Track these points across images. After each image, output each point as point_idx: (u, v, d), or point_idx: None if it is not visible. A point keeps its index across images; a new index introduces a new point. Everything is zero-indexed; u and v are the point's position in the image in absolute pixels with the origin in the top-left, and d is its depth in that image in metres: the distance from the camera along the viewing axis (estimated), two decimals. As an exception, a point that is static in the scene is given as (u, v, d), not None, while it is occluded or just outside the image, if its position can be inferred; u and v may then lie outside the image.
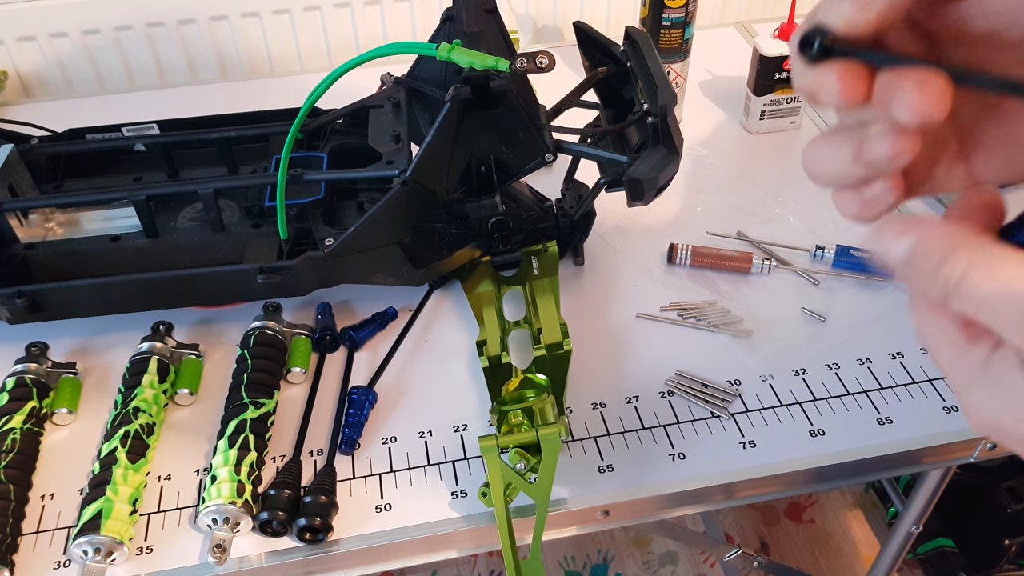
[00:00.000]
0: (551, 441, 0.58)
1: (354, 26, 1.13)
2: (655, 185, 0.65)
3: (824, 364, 0.71)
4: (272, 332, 0.70)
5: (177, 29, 1.09)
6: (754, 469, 0.64)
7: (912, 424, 0.66)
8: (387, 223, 0.70)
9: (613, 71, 0.76)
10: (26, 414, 0.65)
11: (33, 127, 0.86)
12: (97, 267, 0.73)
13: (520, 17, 1.17)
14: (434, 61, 0.68)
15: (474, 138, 0.70)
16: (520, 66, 0.64)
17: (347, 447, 0.65)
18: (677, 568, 1.47)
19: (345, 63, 0.66)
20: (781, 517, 1.53)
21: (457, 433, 0.67)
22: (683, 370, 0.70)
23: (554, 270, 0.75)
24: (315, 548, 0.59)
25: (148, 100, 1.07)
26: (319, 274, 0.70)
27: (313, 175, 0.72)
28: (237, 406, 0.64)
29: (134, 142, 0.82)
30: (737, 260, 0.79)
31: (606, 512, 0.63)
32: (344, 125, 0.82)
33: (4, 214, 0.72)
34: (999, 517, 1.23)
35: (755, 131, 0.98)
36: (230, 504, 0.58)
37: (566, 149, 0.72)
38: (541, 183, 0.81)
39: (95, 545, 0.57)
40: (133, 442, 0.62)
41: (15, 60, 1.08)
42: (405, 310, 0.76)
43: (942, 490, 0.81)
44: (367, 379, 0.70)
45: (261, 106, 0.85)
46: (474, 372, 0.71)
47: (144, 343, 0.69)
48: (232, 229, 0.76)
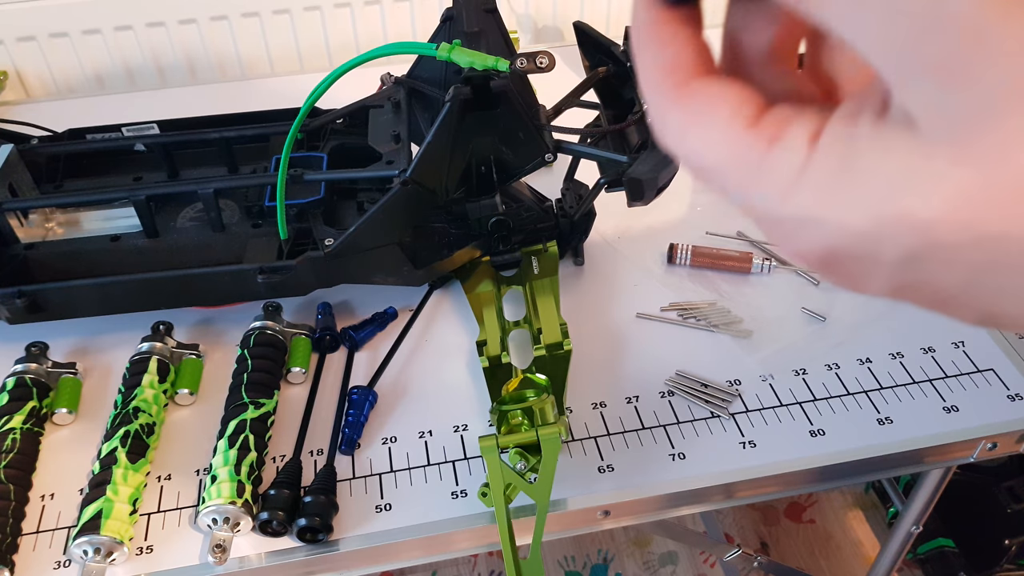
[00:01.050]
0: (551, 441, 0.58)
1: (354, 26, 1.13)
2: (655, 185, 0.65)
3: (824, 364, 0.71)
4: (272, 332, 0.70)
5: (177, 29, 1.09)
6: (754, 469, 0.64)
7: (912, 424, 0.66)
8: (387, 223, 0.70)
9: (613, 71, 0.76)
10: (26, 414, 0.65)
11: (33, 127, 0.86)
12: (97, 267, 0.73)
13: (520, 17, 1.17)
14: (434, 61, 0.68)
15: (474, 138, 0.70)
16: (520, 66, 0.64)
17: (347, 447, 0.65)
18: (677, 568, 1.47)
19: (345, 63, 0.66)
20: (781, 517, 1.53)
21: (457, 433, 0.67)
22: (683, 370, 0.70)
23: (554, 270, 0.75)
24: (315, 548, 0.59)
25: (148, 100, 1.07)
26: (319, 274, 0.70)
27: (313, 175, 0.72)
28: (237, 406, 0.64)
29: (134, 142, 0.82)
30: (737, 260, 0.79)
31: (606, 512, 0.63)
32: (344, 125, 0.82)
33: (4, 214, 0.72)
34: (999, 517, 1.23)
35: (755, 131, 0.98)
36: (230, 504, 0.58)
37: (566, 149, 0.72)
38: (541, 183, 0.81)
39: (95, 545, 0.57)
40: (133, 442, 0.62)
41: (15, 60, 1.08)
42: (405, 310, 0.76)
43: (942, 490, 0.81)
44: (367, 379, 0.70)
45: (261, 106, 0.85)
46: (474, 372, 0.71)
47: (144, 343, 0.69)
48: (232, 229, 0.76)
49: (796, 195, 0.20)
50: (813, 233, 0.20)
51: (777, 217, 0.20)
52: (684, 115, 0.22)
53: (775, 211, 0.20)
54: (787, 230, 0.21)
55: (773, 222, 0.21)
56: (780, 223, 0.21)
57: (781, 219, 0.20)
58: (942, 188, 0.17)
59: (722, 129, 0.21)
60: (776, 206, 0.20)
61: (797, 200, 0.20)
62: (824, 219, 0.19)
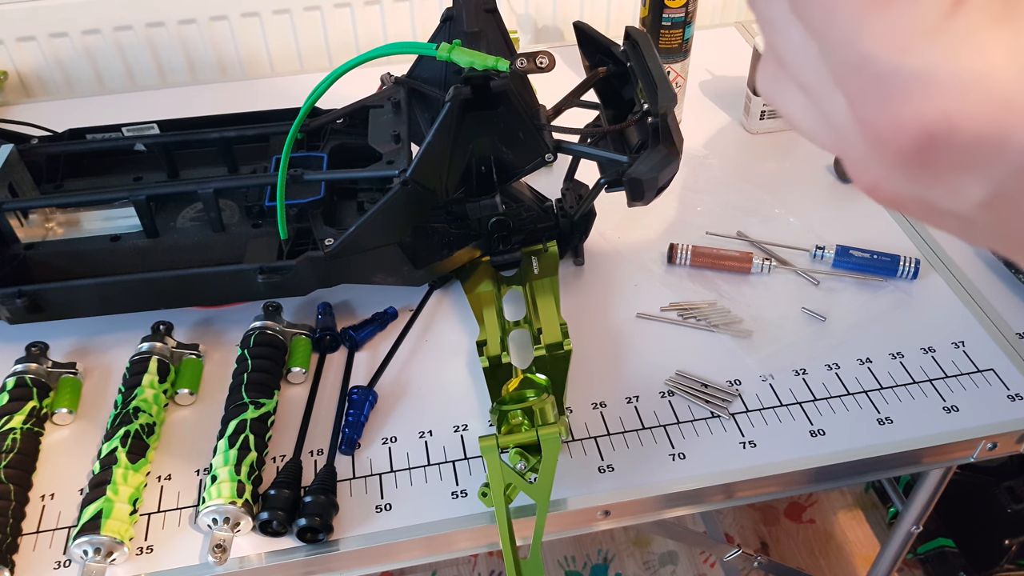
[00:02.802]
0: (551, 441, 0.58)
1: (354, 26, 1.13)
2: (655, 185, 0.65)
3: (824, 364, 0.71)
4: (272, 332, 0.70)
5: (177, 29, 1.09)
6: (754, 469, 0.64)
7: (912, 424, 0.66)
8: (387, 223, 0.70)
9: (613, 71, 0.76)
10: (26, 414, 0.65)
11: (33, 127, 0.86)
12: (97, 267, 0.73)
13: (520, 17, 1.17)
14: (434, 61, 0.68)
15: (474, 138, 0.70)
16: (520, 66, 0.64)
17: (347, 447, 0.65)
18: (677, 568, 1.47)
19: (345, 63, 0.66)
20: (781, 517, 1.53)
21: (457, 433, 0.67)
22: (683, 370, 0.70)
23: (554, 270, 0.75)
24: (315, 548, 0.59)
25: (148, 100, 1.07)
26: (319, 274, 0.70)
27: (313, 175, 0.72)
28: (237, 406, 0.64)
29: (134, 142, 0.82)
30: (737, 260, 0.79)
31: (606, 512, 0.63)
32: (344, 125, 0.82)
33: (4, 214, 0.72)
34: (999, 517, 1.23)
35: (755, 131, 0.98)
36: (230, 504, 0.58)
37: (566, 149, 0.72)
38: (541, 183, 0.81)
39: (95, 545, 0.57)
40: (133, 442, 0.62)
41: (15, 60, 1.08)
42: (405, 310, 0.76)
43: (942, 490, 0.81)
44: (367, 379, 0.70)
45: (261, 106, 0.85)
46: (474, 372, 0.71)
47: (144, 343, 0.69)
48: (232, 229, 0.76)
49: (933, 41, 0.15)
50: (937, 98, 0.16)
51: (893, 67, 0.16)
52: None
53: (894, 58, 0.16)
54: (896, 87, 0.16)
55: (877, 74, 0.16)
56: (890, 76, 0.16)
57: (898, 70, 0.16)
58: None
59: None
60: (898, 53, 0.16)
61: (934, 48, 0.15)
62: (960, 80, 0.15)
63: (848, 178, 0.89)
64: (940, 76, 0.15)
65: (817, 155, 0.94)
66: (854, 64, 0.16)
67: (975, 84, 0.15)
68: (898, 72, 0.16)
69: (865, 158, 0.18)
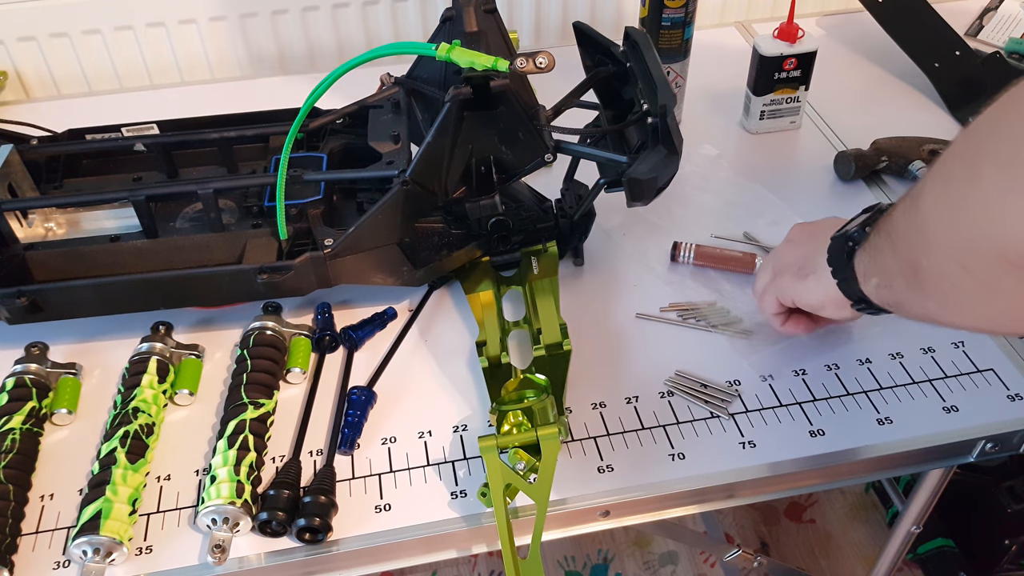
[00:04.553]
0: (551, 441, 0.58)
1: (355, 26, 1.13)
2: (655, 185, 0.65)
3: (824, 364, 0.71)
4: (272, 332, 0.70)
5: (177, 29, 1.09)
6: (754, 469, 0.64)
7: (912, 424, 0.66)
8: (387, 223, 0.70)
9: (613, 71, 0.76)
10: (26, 414, 0.65)
11: (33, 127, 0.86)
12: (97, 267, 0.73)
13: (520, 17, 1.17)
14: (434, 61, 0.69)
15: (474, 138, 0.70)
16: (520, 66, 0.64)
17: (347, 447, 0.65)
18: (677, 568, 1.47)
19: (345, 63, 0.66)
20: (781, 517, 1.53)
21: (457, 433, 0.67)
22: (683, 370, 0.70)
23: (554, 270, 0.75)
24: (315, 548, 0.59)
25: (148, 100, 1.07)
26: (319, 274, 0.70)
27: (313, 175, 0.72)
28: (236, 406, 0.64)
29: (134, 142, 0.82)
30: (740, 261, 0.79)
31: (606, 512, 0.63)
32: (344, 125, 0.82)
33: (4, 214, 0.72)
34: (999, 517, 1.23)
35: (755, 131, 0.98)
36: (229, 504, 0.58)
37: (566, 149, 0.72)
38: (541, 183, 0.81)
39: (94, 545, 0.57)
40: (133, 442, 0.62)
41: (15, 60, 1.08)
42: (405, 310, 0.76)
43: (942, 490, 0.81)
44: (367, 379, 0.70)
45: (261, 106, 0.85)
46: (474, 372, 0.71)
47: (144, 343, 0.69)
48: (232, 229, 0.75)
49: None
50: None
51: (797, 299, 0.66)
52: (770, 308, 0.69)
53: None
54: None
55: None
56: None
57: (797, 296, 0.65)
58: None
59: (776, 308, 0.68)
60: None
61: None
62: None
63: (849, 177, 0.89)
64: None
65: (817, 155, 0.94)
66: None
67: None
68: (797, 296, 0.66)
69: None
